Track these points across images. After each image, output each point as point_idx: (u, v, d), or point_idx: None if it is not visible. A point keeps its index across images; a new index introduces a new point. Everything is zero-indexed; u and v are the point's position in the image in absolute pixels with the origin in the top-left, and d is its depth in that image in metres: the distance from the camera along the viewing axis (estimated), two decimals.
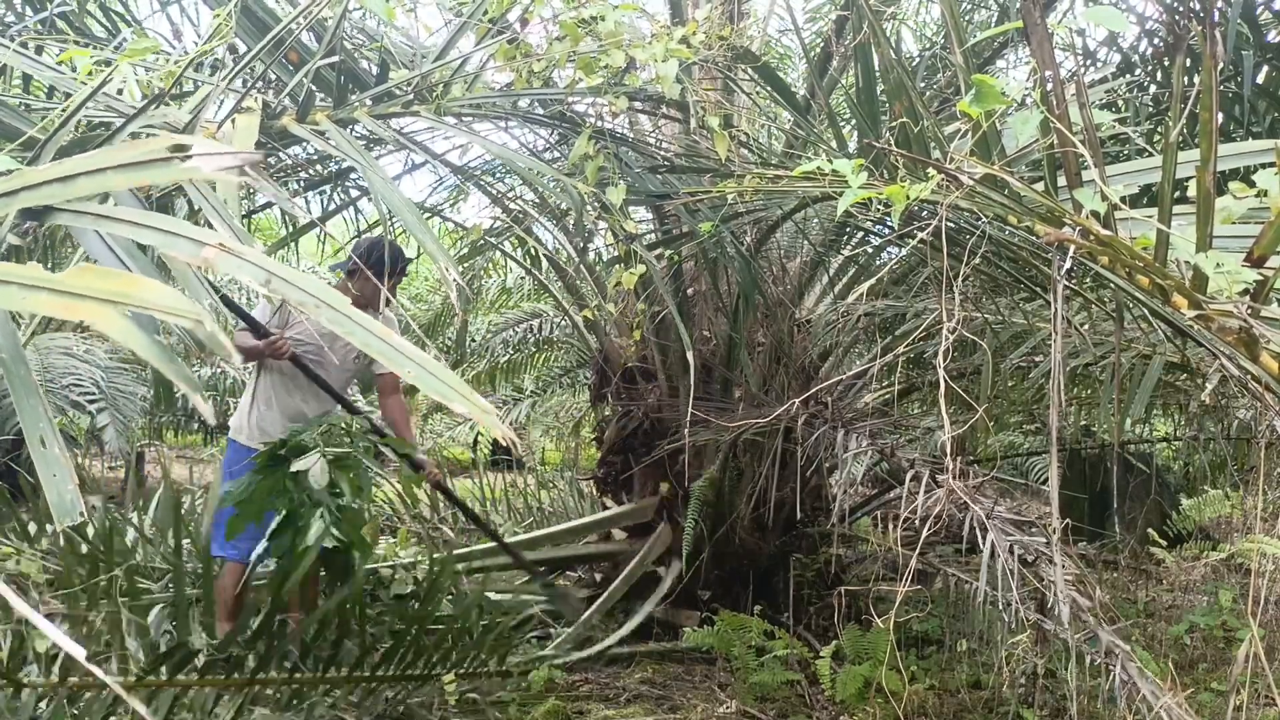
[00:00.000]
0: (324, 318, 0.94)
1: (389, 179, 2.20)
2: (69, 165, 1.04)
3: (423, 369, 0.95)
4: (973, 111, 1.60)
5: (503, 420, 1.01)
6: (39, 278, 0.88)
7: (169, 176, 1.00)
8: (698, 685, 4.03)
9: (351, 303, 1.14)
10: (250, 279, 0.94)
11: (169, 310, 0.86)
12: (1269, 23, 3.76)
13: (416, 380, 0.94)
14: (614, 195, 2.60)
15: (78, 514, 0.98)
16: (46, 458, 1.00)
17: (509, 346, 8.91)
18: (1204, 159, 1.24)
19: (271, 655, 2.94)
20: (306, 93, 2.19)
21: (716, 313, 4.80)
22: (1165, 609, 4.80)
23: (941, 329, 1.75)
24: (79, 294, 0.86)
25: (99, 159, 1.05)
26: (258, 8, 2.56)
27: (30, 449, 1.02)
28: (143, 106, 1.68)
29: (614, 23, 2.41)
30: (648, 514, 4.93)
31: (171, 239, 0.98)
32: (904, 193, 1.59)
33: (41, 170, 1.07)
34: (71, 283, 0.87)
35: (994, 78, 1.66)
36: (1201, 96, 1.22)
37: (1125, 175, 1.98)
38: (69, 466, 1.01)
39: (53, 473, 0.99)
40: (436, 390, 0.93)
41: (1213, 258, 1.20)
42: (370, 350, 0.96)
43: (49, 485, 0.99)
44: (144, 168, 1.00)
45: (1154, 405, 5.02)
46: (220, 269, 0.95)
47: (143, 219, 0.98)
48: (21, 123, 1.79)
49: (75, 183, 0.99)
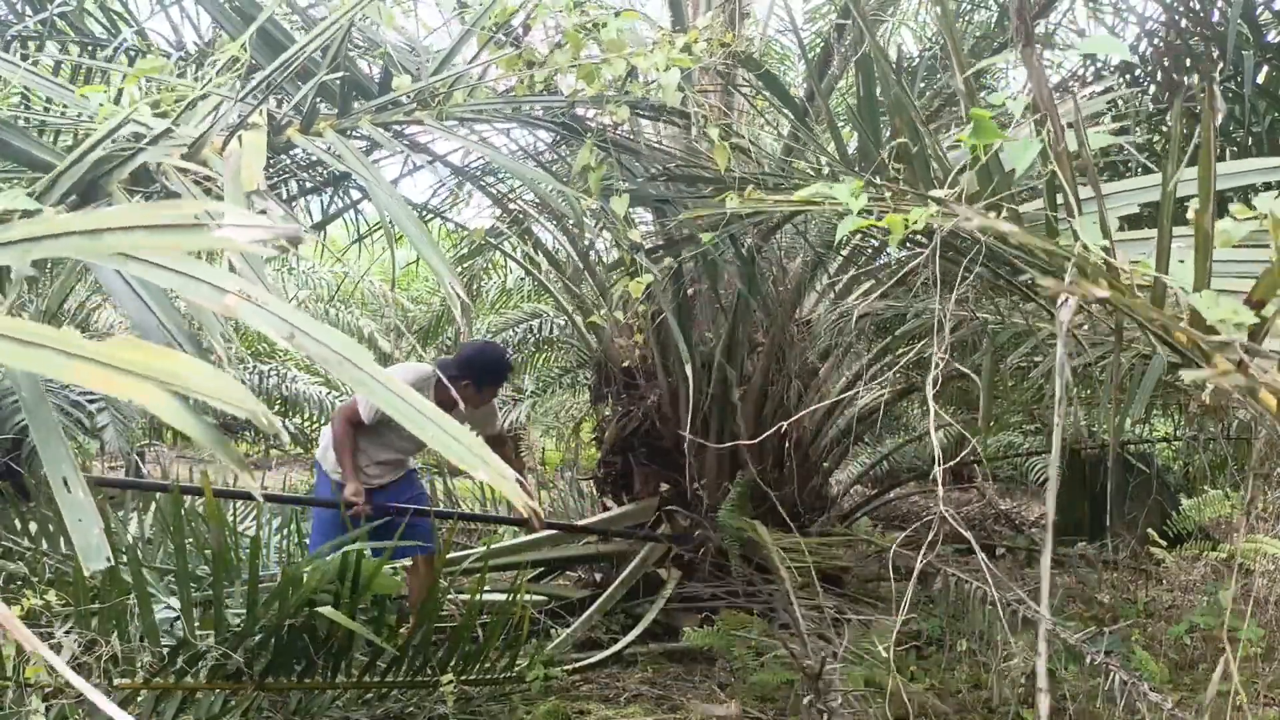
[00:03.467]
0: (346, 375, 0.92)
1: (392, 189, 2.20)
2: (96, 219, 1.00)
3: (444, 432, 0.93)
4: (971, 144, 1.61)
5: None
6: (79, 346, 0.85)
7: (200, 244, 0.97)
8: (698, 685, 4.03)
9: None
10: (273, 332, 0.92)
11: (215, 395, 0.83)
12: (1269, 23, 3.77)
13: (436, 444, 0.92)
14: (617, 206, 2.60)
15: (104, 559, 0.98)
16: (72, 502, 0.99)
17: (509, 347, 8.92)
18: (1202, 203, 1.25)
19: (280, 659, 2.94)
20: (311, 103, 2.19)
21: (717, 313, 4.80)
22: (1165, 609, 4.81)
23: (941, 329, 1.75)
24: (122, 369, 0.84)
25: (128, 217, 1.01)
26: (269, 24, 2.56)
27: (55, 493, 1.01)
28: (154, 135, 1.67)
29: (616, 31, 2.41)
30: (649, 514, 4.94)
31: (192, 283, 0.95)
32: (902, 222, 1.60)
33: (66, 220, 1.04)
34: (113, 355, 0.84)
35: (990, 77, 1.67)
36: (1201, 151, 1.23)
37: (1125, 193, 1.98)
38: (94, 510, 1.00)
39: (78, 518, 0.99)
40: (458, 456, 0.92)
41: (1208, 297, 1.22)
42: (391, 411, 0.95)
43: (75, 530, 0.99)
44: (175, 231, 0.96)
45: (1154, 405, 5.03)
46: (240, 318, 0.93)
47: (162, 260, 0.95)
48: (28, 144, 1.78)
49: (101, 239, 0.96)
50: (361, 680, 3.20)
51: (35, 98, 2.71)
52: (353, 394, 4.04)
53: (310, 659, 3.03)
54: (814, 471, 5.11)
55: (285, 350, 10.25)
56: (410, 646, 3.23)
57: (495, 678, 3.57)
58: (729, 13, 4.25)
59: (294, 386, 8.51)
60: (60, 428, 1.07)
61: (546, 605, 4.63)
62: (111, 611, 2.73)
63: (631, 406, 5.00)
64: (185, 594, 2.83)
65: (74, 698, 2.55)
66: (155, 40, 3.52)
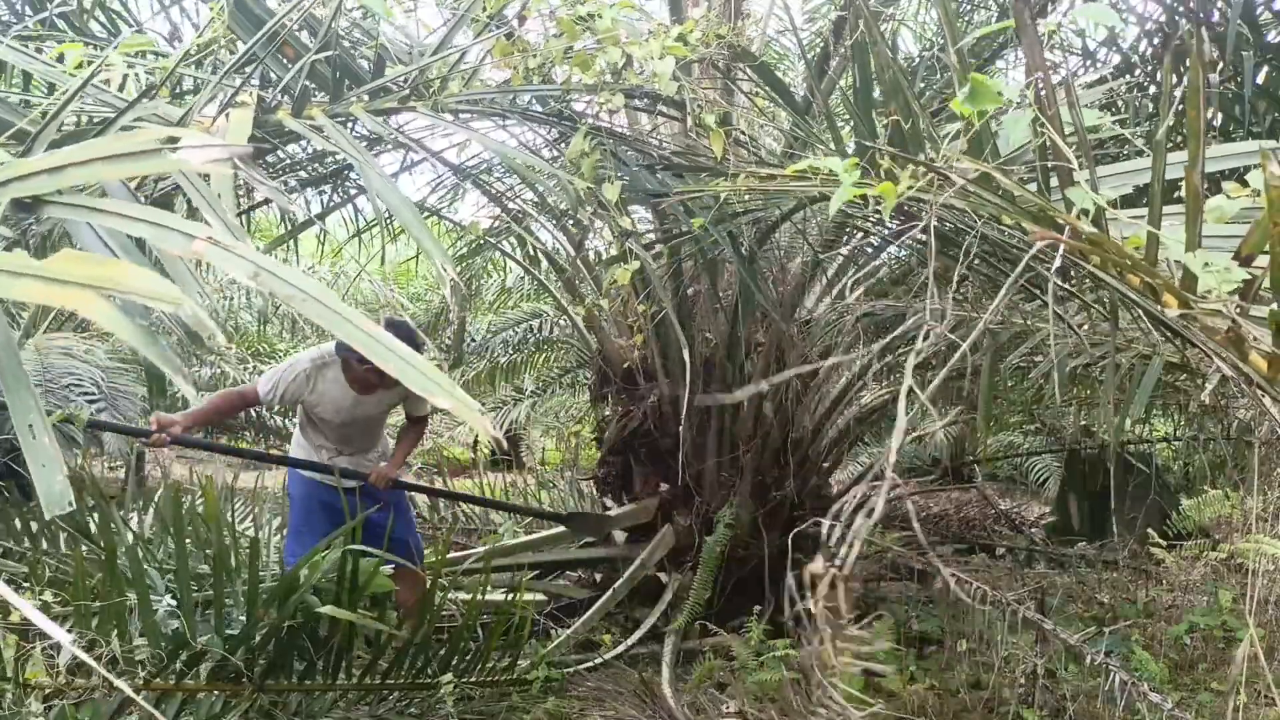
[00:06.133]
0: (310, 311, 0.94)
1: (387, 176, 2.20)
2: (58, 156, 1.04)
3: (407, 364, 0.95)
4: (966, 110, 1.59)
5: (498, 420, 1.01)
6: (24, 264, 0.87)
7: (157, 167, 1.00)
8: (697, 685, 4.03)
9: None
10: (238, 272, 0.94)
11: (152, 295, 0.85)
12: (1269, 23, 3.76)
13: (400, 374, 0.95)
14: (610, 192, 2.60)
15: (67, 504, 0.97)
16: (35, 448, 0.99)
17: (509, 347, 8.91)
18: (1191, 158, 1.24)
19: (280, 661, 2.94)
20: (302, 88, 2.18)
21: (716, 312, 4.80)
22: (1165, 609, 4.80)
23: (940, 329, 1.75)
24: (64, 280, 0.86)
25: (88, 150, 1.05)
26: (254, 4, 2.55)
27: (20, 439, 1.01)
28: (135, 99, 1.68)
29: (610, 20, 2.41)
30: (649, 515, 4.93)
31: (163, 232, 0.98)
32: (894, 190, 1.59)
33: (31, 161, 1.07)
34: (57, 269, 0.87)
35: (990, 78, 1.66)
36: (1188, 96, 1.22)
37: (1117, 175, 1.97)
38: (59, 457, 1.00)
39: (42, 463, 0.99)
40: (421, 385, 0.94)
41: (1201, 256, 1.20)
42: (355, 344, 0.97)
43: (39, 476, 0.99)
44: (133, 159, 1.00)
45: (1154, 405, 5.03)
46: (209, 261, 0.95)
47: (134, 212, 0.98)
48: (15, 116, 1.78)
49: (65, 173, 0.99)
50: (362, 681, 3.20)
51: (37, 87, 2.72)
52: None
53: (310, 660, 3.03)
54: (814, 471, 5.11)
55: (285, 351, 10.24)
56: (410, 647, 3.23)
57: (495, 679, 3.57)
58: (727, 11, 4.25)
59: None
60: (30, 379, 1.06)
61: (546, 606, 4.63)
62: (111, 612, 2.73)
63: (631, 406, 5.00)
64: (185, 594, 2.83)
65: (74, 698, 2.55)
66: (155, 40, 3.52)
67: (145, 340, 0.92)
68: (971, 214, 1.68)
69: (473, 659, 3.44)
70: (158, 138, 1.02)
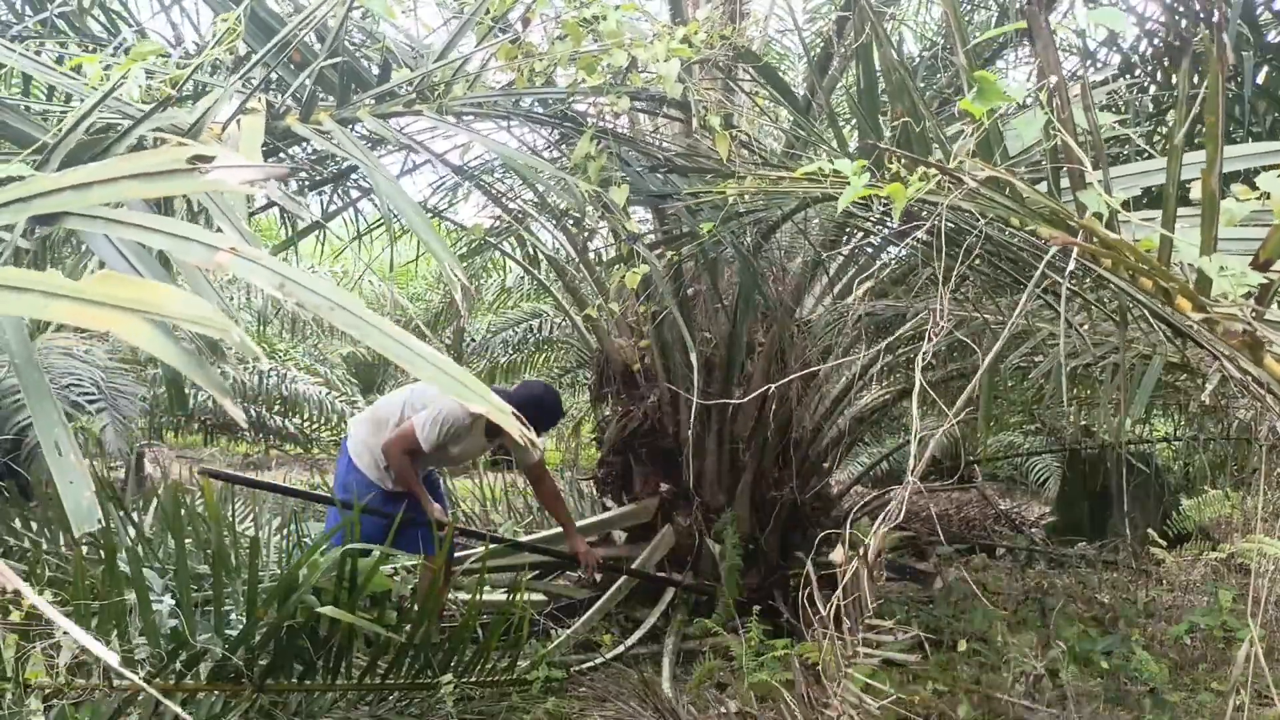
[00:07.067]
0: (338, 320, 0.93)
1: (393, 178, 2.20)
2: (84, 173, 1.02)
3: (440, 370, 0.94)
4: (975, 110, 1.59)
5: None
6: (59, 285, 0.86)
7: (191, 188, 0.98)
8: (697, 685, 4.02)
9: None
10: (264, 283, 0.93)
11: (197, 320, 0.84)
12: (1269, 23, 3.76)
13: (434, 380, 0.94)
14: (617, 195, 2.60)
15: (95, 521, 0.97)
16: (62, 465, 0.98)
17: (509, 347, 8.91)
18: (1209, 162, 1.24)
19: (280, 661, 2.94)
20: (309, 92, 2.19)
21: (717, 312, 4.80)
22: (1165, 609, 4.80)
23: (940, 329, 1.75)
24: (101, 302, 0.85)
25: (116, 167, 1.03)
26: (261, 10, 2.56)
27: (45, 455, 1.00)
28: (150, 110, 1.68)
29: (615, 22, 2.41)
30: (649, 515, 4.93)
31: (183, 244, 0.96)
32: (904, 191, 1.59)
33: (56, 177, 1.05)
34: (93, 291, 0.85)
35: (995, 75, 1.65)
36: (1208, 100, 1.21)
37: (1128, 177, 1.97)
38: (86, 472, 0.99)
39: (69, 479, 0.98)
40: (456, 392, 0.93)
41: (1216, 260, 1.20)
42: (387, 353, 0.96)
43: (65, 492, 0.98)
44: (164, 178, 0.98)
45: (1154, 405, 5.03)
46: (234, 273, 0.94)
47: (154, 223, 0.96)
48: (29, 127, 1.78)
49: (90, 191, 0.97)
50: (362, 681, 3.19)
51: (36, 90, 2.72)
52: (386, 416, 4.02)
53: (310, 660, 3.03)
54: (814, 471, 5.10)
55: (286, 351, 10.24)
56: (411, 647, 3.23)
57: (495, 679, 3.56)
58: (729, 12, 4.25)
59: (294, 387, 8.50)
60: (52, 392, 1.05)
61: (546, 606, 4.62)
62: (111, 611, 2.72)
63: (631, 406, 4.99)
64: (185, 594, 2.82)
65: (74, 698, 2.55)
66: (155, 40, 3.52)
67: (191, 364, 0.90)
68: (975, 215, 1.68)
69: (473, 659, 3.44)
70: (187, 156, 1.00)
